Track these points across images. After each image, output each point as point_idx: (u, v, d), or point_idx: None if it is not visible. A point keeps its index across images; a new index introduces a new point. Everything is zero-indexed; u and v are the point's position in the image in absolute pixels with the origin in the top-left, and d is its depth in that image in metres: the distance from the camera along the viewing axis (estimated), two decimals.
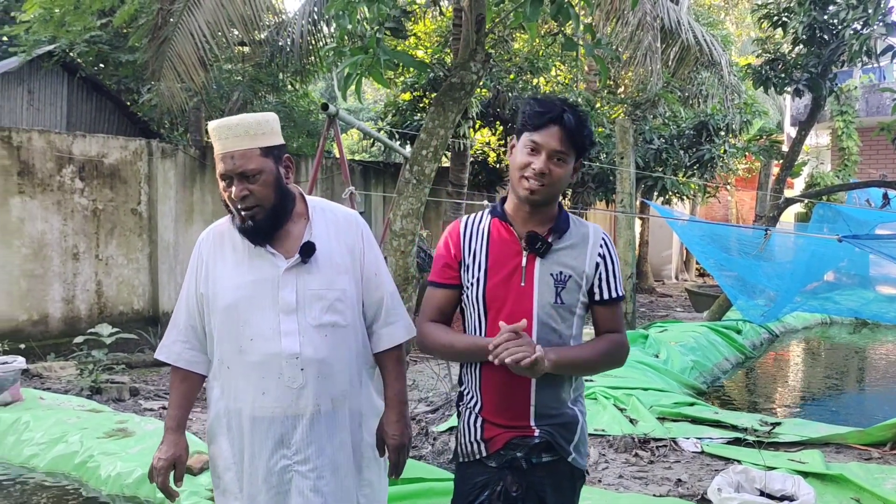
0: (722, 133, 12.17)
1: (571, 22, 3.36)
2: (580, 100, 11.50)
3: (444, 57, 11.26)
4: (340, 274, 2.16)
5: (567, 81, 13.72)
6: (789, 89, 9.40)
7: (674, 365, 7.19)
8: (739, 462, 4.30)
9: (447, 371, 7.01)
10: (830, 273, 9.07)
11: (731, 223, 17.05)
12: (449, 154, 10.93)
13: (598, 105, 12.70)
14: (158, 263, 9.41)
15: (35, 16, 8.69)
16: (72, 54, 11.13)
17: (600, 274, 2.10)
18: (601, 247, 2.11)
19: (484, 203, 8.84)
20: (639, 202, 12.67)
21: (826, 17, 8.67)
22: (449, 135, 4.39)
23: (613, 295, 2.11)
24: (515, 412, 2.06)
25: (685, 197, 14.18)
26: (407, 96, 11.75)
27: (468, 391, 2.16)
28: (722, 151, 12.20)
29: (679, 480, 4.26)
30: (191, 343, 2.21)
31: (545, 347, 2.00)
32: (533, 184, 2.01)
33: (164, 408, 5.81)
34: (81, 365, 6.82)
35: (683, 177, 12.47)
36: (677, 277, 19.08)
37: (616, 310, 2.14)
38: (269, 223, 2.09)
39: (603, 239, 2.12)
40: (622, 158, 8.71)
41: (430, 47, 12.29)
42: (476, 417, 2.11)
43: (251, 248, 2.13)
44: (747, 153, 13.99)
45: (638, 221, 15.46)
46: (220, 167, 2.07)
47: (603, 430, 5.07)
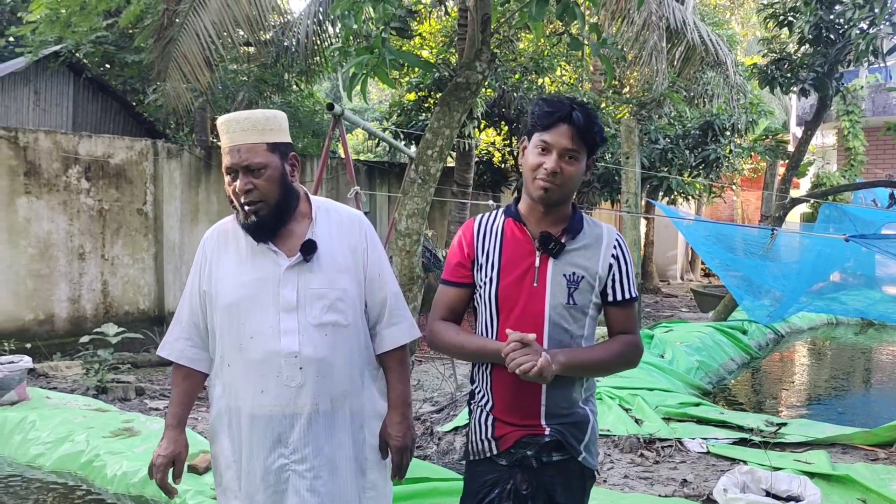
0: (727, 133, 12.14)
1: (577, 21, 3.35)
2: (585, 99, 11.48)
3: (450, 57, 11.26)
4: (342, 273, 2.15)
5: (572, 81, 13.72)
6: (795, 89, 9.39)
7: (679, 365, 7.17)
8: (745, 462, 4.29)
9: (452, 371, 7.01)
10: (836, 273, 9.03)
11: (737, 223, 17.01)
12: (454, 154, 10.93)
13: (604, 105, 12.68)
14: (164, 263, 9.43)
15: (41, 16, 8.69)
16: (78, 55, 11.15)
17: (613, 275, 2.10)
18: (615, 248, 2.11)
19: (489, 203, 8.83)
20: (644, 202, 12.63)
21: (832, 17, 8.65)
22: (454, 135, 4.39)
23: (627, 296, 2.11)
24: (526, 411, 2.07)
25: (690, 197, 14.15)
26: (412, 96, 11.75)
27: (479, 390, 2.16)
28: (727, 151, 12.17)
29: (684, 481, 4.25)
30: (193, 340, 2.21)
31: (556, 349, 2.00)
32: (546, 183, 2.01)
33: None
34: (87, 364, 6.85)
35: (689, 177, 12.44)
36: (682, 278, 19.03)
37: (630, 311, 2.13)
38: (273, 219, 2.09)
39: (617, 240, 2.13)
40: (627, 158, 8.69)
41: (436, 47, 12.30)
42: (487, 416, 2.12)
43: (254, 247, 2.12)
44: (753, 153, 13.94)
45: (643, 221, 15.43)
46: (227, 160, 2.07)
47: (608, 431, 5.06)
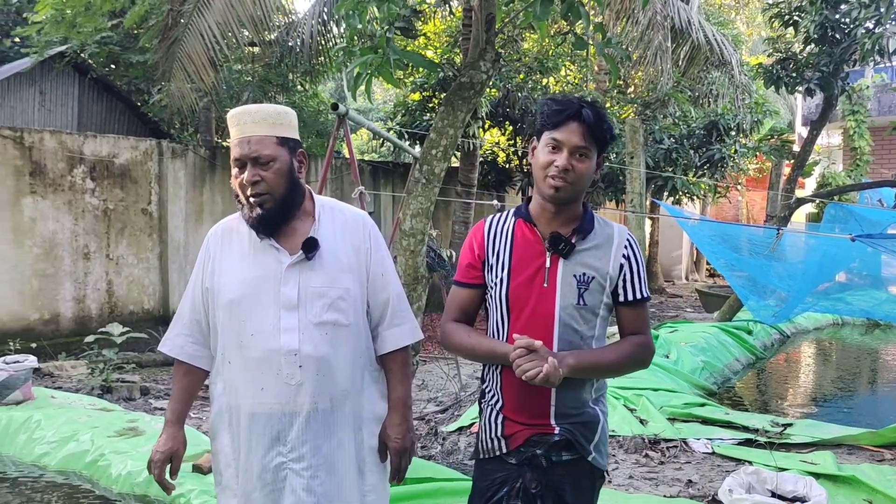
0: (732, 133, 12.12)
1: (581, 21, 3.34)
2: (590, 99, 11.46)
3: (454, 57, 11.26)
4: (344, 273, 2.14)
5: (577, 81, 13.70)
6: (801, 89, 9.35)
7: (684, 365, 7.16)
8: (750, 463, 4.28)
9: (456, 371, 7.02)
10: (842, 273, 9.01)
11: (742, 223, 16.97)
12: (458, 154, 10.93)
13: (609, 105, 12.66)
14: (168, 263, 9.45)
15: (47, 17, 8.72)
16: (83, 55, 11.18)
17: (624, 275, 2.09)
18: (626, 248, 2.10)
19: (493, 203, 8.81)
20: (649, 202, 12.64)
21: (838, 16, 8.61)
22: (459, 134, 4.38)
23: (638, 296, 2.11)
24: (536, 411, 2.07)
25: (695, 197, 14.13)
26: (416, 96, 11.75)
27: (490, 389, 2.16)
28: (732, 151, 12.15)
29: (690, 481, 4.24)
30: (194, 337, 2.21)
31: (565, 351, 2.00)
32: (557, 181, 2.01)
33: None
34: (92, 364, 6.86)
35: (694, 177, 12.42)
36: (687, 278, 19.00)
37: (641, 311, 2.13)
38: (278, 213, 2.09)
39: (628, 240, 2.12)
40: (632, 158, 8.69)
41: (440, 47, 12.30)
42: (497, 414, 2.12)
43: (257, 244, 2.12)
44: (758, 153, 13.91)
45: (648, 221, 15.41)
46: (236, 151, 2.07)
47: (613, 431, 5.05)
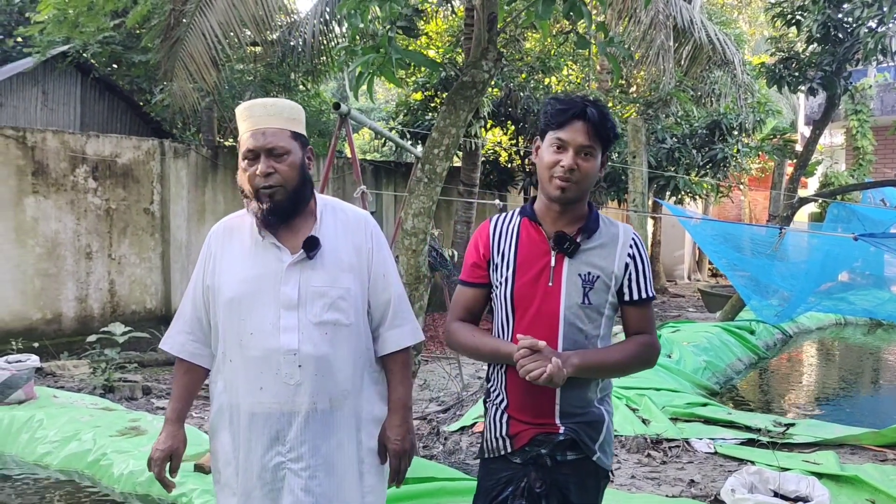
0: (735, 132, 12.11)
1: (584, 20, 3.33)
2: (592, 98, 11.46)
3: (456, 56, 11.25)
4: (345, 273, 2.13)
5: (579, 81, 13.69)
6: (803, 88, 9.33)
7: (686, 365, 7.15)
8: (753, 463, 4.28)
9: (458, 371, 7.01)
10: (845, 273, 8.99)
11: (745, 223, 16.95)
12: (460, 154, 10.93)
13: (611, 104, 12.65)
14: (171, 263, 9.46)
15: (49, 17, 8.74)
16: (85, 55, 11.20)
17: (630, 274, 2.09)
18: (631, 247, 2.10)
19: (496, 203, 8.81)
20: (651, 201, 12.62)
21: (840, 16, 8.60)
22: (461, 133, 4.37)
23: (643, 295, 2.10)
24: (540, 410, 2.07)
25: (698, 196, 14.12)
26: (418, 96, 11.75)
27: (495, 388, 2.17)
28: (735, 151, 12.14)
29: (692, 481, 4.24)
30: (195, 335, 2.20)
31: (570, 351, 2.00)
32: (563, 181, 2.01)
33: None
34: (94, 363, 6.87)
35: (696, 176, 12.41)
36: (690, 277, 18.99)
37: (646, 311, 2.13)
38: (288, 205, 2.08)
39: (633, 239, 2.12)
40: (634, 158, 8.67)
41: (442, 46, 12.30)
42: (502, 413, 2.12)
43: (258, 242, 2.12)
44: (760, 152, 13.90)
45: (650, 221, 15.41)
46: (250, 143, 2.06)
47: (615, 431, 5.02)
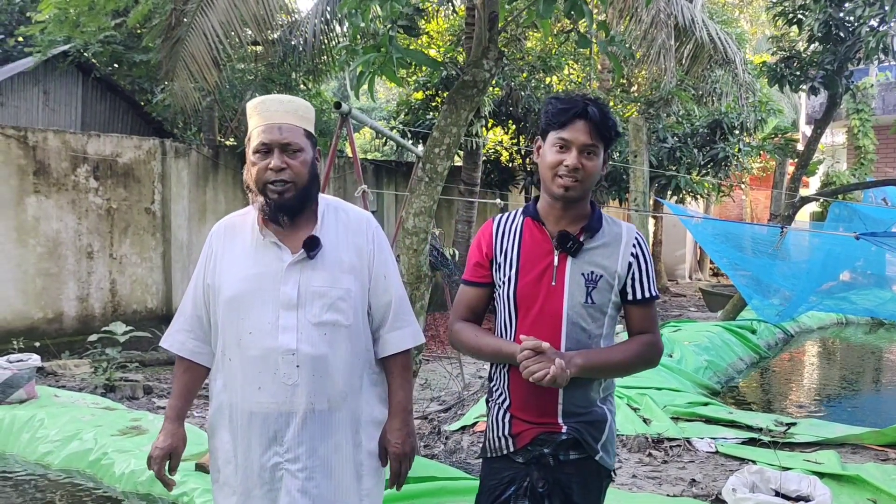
0: (736, 131, 12.10)
1: (585, 19, 3.33)
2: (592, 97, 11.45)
3: (457, 55, 11.24)
4: (346, 273, 2.12)
5: (580, 80, 13.68)
6: (804, 87, 9.32)
7: (687, 364, 7.15)
8: (754, 462, 4.27)
9: (459, 370, 7.01)
10: (846, 273, 8.99)
11: (746, 222, 16.94)
12: (461, 153, 10.93)
13: (612, 103, 12.64)
14: (172, 262, 9.46)
15: (50, 16, 8.73)
16: (86, 54, 11.20)
17: (633, 273, 2.09)
18: (634, 246, 2.10)
19: (497, 202, 8.81)
20: (652, 201, 12.60)
21: (842, 14, 8.58)
22: (462, 133, 4.37)
23: (647, 295, 2.10)
24: (543, 409, 2.07)
25: (699, 196, 14.11)
26: (419, 95, 11.75)
27: (497, 387, 2.16)
28: (736, 150, 12.13)
29: (693, 480, 4.23)
30: (195, 333, 2.19)
31: (573, 351, 2.00)
32: (567, 181, 2.01)
33: None
34: (95, 363, 6.88)
35: (697, 175, 12.40)
36: (691, 277, 18.98)
37: (649, 310, 2.12)
38: (298, 202, 2.09)
39: (636, 238, 2.12)
40: (635, 157, 8.66)
41: (443, 46, 12.29)
42: (504, 413, 2.12)
43: (259, 241, 2.11)
44: (762, 152, 13.89)
45: (651, 220, 15.40)
46: (264, 137, 2.06)
47: (617, 430, 5.04)
